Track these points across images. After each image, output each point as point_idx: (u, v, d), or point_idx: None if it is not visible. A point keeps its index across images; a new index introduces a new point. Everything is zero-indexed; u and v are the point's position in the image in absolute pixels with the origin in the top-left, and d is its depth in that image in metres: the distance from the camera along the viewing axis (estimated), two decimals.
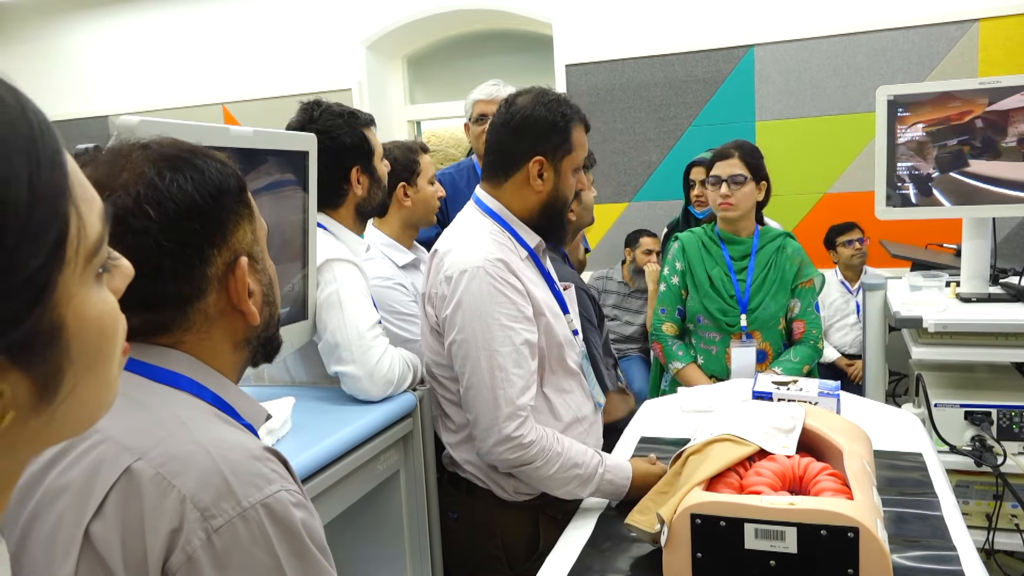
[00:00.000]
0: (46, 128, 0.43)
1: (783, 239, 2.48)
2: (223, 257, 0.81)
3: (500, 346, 1.51)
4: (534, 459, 1.51)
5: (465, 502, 1.72)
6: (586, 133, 1.68)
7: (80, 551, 0.69)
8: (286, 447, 1.38)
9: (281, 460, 0.77)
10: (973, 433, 2.08)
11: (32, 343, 0.42)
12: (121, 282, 0.51)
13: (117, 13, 5.06)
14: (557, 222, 1.69)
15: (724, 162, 2.40)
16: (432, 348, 1.68)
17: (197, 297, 0.80)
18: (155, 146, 0.82)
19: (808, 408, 1.40)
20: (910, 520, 1.37)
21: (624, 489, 1.54)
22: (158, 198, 0.77)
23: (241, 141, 1.38)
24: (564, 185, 1.65)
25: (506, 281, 1.54)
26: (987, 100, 2.13)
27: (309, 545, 0.73)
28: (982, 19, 3.59)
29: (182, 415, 0.75)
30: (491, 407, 1.51)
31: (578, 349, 1.73)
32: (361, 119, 1.83)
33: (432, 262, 1.65)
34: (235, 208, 0.83)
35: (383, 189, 1.88)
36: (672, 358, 2.47)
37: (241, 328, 0.85)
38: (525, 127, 1.61)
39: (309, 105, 1.81)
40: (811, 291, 2.46)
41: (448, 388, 1.67)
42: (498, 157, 1.66)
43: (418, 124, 5.18)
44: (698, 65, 4.04)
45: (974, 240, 2.26)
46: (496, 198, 1.66)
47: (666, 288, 2.53)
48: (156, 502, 0.69)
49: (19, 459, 0.46)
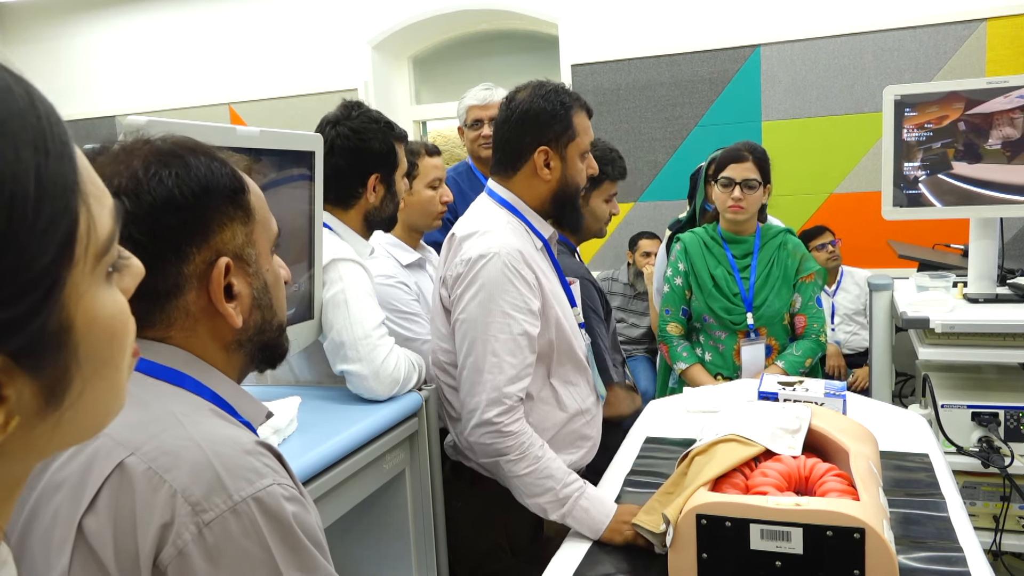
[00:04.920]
0: (55, 120, 0.41)
1: (784, 235, 2.50)
2: (203, 255, 0.80)
3: (498, 332, 1.54)
4: (508, 451, 1.51)
5: (469, 491, 1.74)
6: (589, 118, 1.71)
7: (74, 545, 0.69)
8: (292, 446, 1.39)
9: (275, 454, 0.77)
10: (980, 434, 2.07)
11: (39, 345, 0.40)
12: (131, 282, 0.50)
13: (124, 13, 5.08)
14: (570, 208, 1.72)
15: (738, 165, 2.38)
16: (440, 334, 1.71)
17: (174, 294, 0.80)
18: (158, 142, 0.82)
19: (814, 409, 1.40)
20: (917, 521, 1.37)
21: (601, 524, 1.43)
22: (136, 190, 0.77)
23: (247, 141, 1.39)
24: (573, 171, 1.68)
25: (519, 272, 1.57)
26: (990, 100, 2.13)
27: (302, 538, 0.73)
28: (990, 18, 3.58)
29: (176, 410, 0.75)
30: (477, 390, 1.53)
31: (584, 342, 1.75)
32: (396, 132, 1.84)
33: (450, 246, 1.68)
34: (223, 208, 0.82)
35: (396, 205, 1.88)
36: (677, 359, 2.48)
37: (227, 329, 0.83)
38: (526, 120, 1.64)
39: (350, 104, 1.83)
40: (812, 285, 2.48)
41: (452, 375, 1.69)
42: (505, 153, 1.69)
43: (424, 124, 5.19)
44: (704, 65, 4.04)
45: (981, 240, 2.25)
46: (508, 189, 1.69)
47: (670, 289, 2.54)
48: (148, 496, 0.69)
49: (24, 465, 0.45)
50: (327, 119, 1.81)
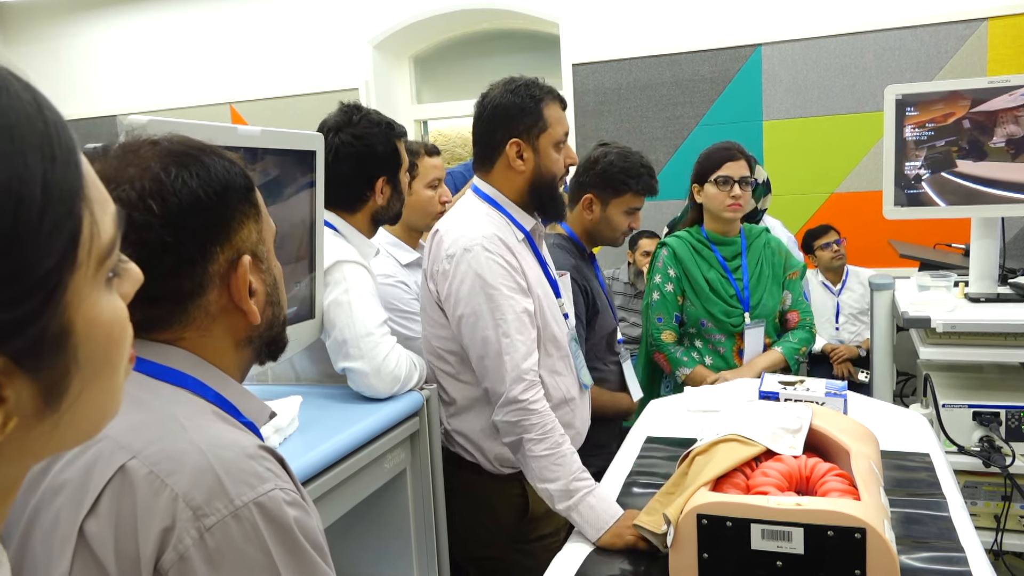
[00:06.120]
0: (61, 127, 0.42)
1: (766, 234, 2.53)
2: (226, 255, 0.81)
3: (505, 314, 1.60)
4: (531, 428, 1.55)
5: (455, 475, 1.79)
6: (563, 109, 1.74)
7: (75, 548, 0.69)
8: (293, 445, 1.39)
9: (277, 458, 0.77)
10: (981, 434, 2.07)
11: (39, 347, 0.41)
12: (131, 287, 0.51)
13: (125, 13, 5.08)
14: (547, 197, 1.75)
15: (734, 163, 2.38)
16: (432, 320, 1.76)
17: (198, 293, 0.80)
18: (165, 142, 0.82)
19: (815, 408, 1.40)
20: (918, 521, 1.37)
21: (604, 524, 1.41)
22: (162, 193, 0.78)
23: (248, 140, 1.39)
24: (546, 161, 1.72)
25: (502, 256, 1.63)
26: (992, 99, 2.13)
27: (303, 543, 0.73)
28: (991, 18, 3.57)
29: (179, 413, 0.75)
30: (500, 373, 1.59)
31: (568, 332, 1.80)
32: (397, 130, 1.84)
33: (432, 241, 1.74)
34: (240, 207, 0.83)
35: (402, 201, 1.90)
36: (678, 365, 2.43)
37: (243, 327, 0.84)
38: (496, 115, 1.71)
39: (350, 108, 1.82)
40: (798, 281, 2.52)
41: (446, 360, 1.74)
42: (480, 148, 1.76)
43: (425, 124, 5.19)
44: (705, 64, 4.03)
45: (983, 240, 2.25)
46: (489, 184, 1.76)
47: (659, 297, 2.45)
48: (149, 500, 0.69)
49: (21, 467, 0.45)
50: (328, 125, 1.79)
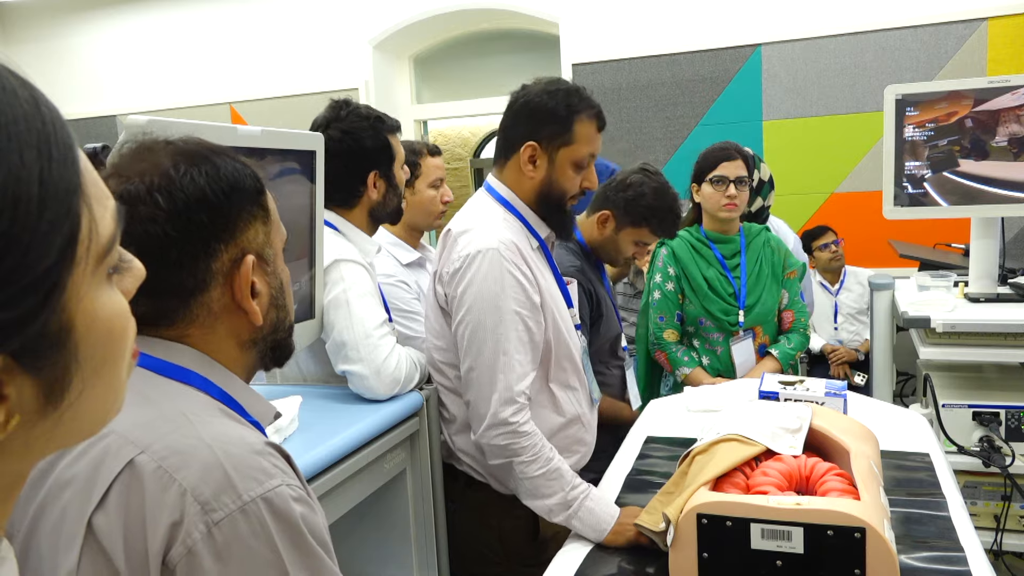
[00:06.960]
0: (59, 124, 0.42)
1: (765, 233, 2.53)
2: (229, 253, 0.82)
3: (508, 330, 1.51)
4: (523, 452, 1.49)
5: (463, 493, 1.73)
6: (599, 129, 1.63)
7: (83, 542, 0.69)
8: (293, 445, 1.39)
9: (283, 455, 0.78)
10: (981, 434, 2.07)
11: (39, 345, 0.41)
12: (132, 283, 0.51)
13: (125, 13, 5.08)
14: (553, 212, 1.66)
15: (731, 163, 2.39)
16: (435, 331, 1.68)
17: (200, 290, 0.81)
18: (180, 143, 0.84)
19: (815, 408, 1.40)
20: (918, 521, 1.37)
21: (606, 526, 1.42)
22: (169, 188, 0.79)
23: (248, 140, 1.39)
24: (560, 176, 1.61)
25: (517, 267, 1.54)
26: (994, 99, 2.13)
27: (309, 539, 0.73)
28: (991, 18, 3.57)
29: (186, 409, 0.76)
30: (490, 391, 1.51)
31: (580, 344, 1.72)
32: (387, 124, 1.81)
33: (445, 241, 1.65)
34: (248, 207, 0.84)
35: (399, 196, 1.87)
36: (678, 364, 2.45)
37: (246, 327, 0.85)
38: (524, 112, 1.61)
39: (338, 104, 1.81)
40: (795, 281, 2.52)
41: (446, 375, 1.67)
42: (501, 139, 1.67)
43: (425, 124, 5.19)
44: (705, 64, 4.03)
45: (982, 240, 2.25)
46: (502, 182, 1.67)
47: (661, 296, 2.48)
48: (157, 495, 0.69)
49: (24, 463, 0.45)
50: (316, 122, 1.79)
